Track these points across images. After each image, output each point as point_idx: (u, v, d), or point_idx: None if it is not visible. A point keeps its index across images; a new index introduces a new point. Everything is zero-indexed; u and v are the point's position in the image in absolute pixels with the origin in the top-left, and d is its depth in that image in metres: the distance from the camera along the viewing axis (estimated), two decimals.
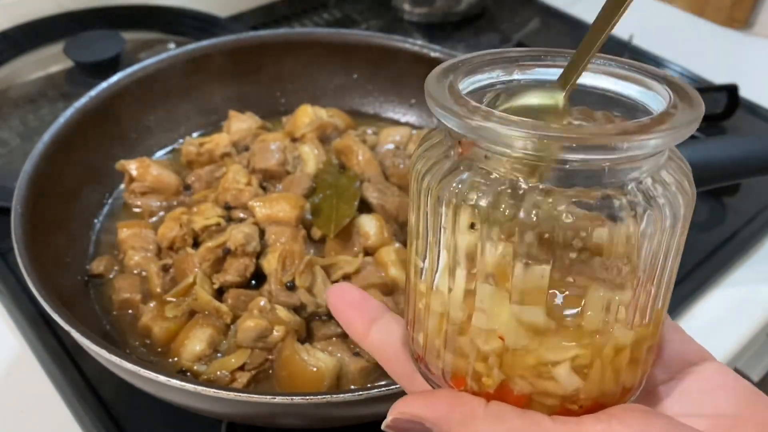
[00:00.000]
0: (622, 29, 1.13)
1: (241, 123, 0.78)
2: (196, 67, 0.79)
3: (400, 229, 0.68)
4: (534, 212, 0.23)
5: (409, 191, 0.28)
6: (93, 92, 0.71)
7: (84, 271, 0.65)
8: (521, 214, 0.23)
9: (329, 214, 0.66)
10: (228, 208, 0.68)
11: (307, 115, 0.79)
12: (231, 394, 0.45)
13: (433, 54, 0.80)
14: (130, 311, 0.61)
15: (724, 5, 1.31)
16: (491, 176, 0.24)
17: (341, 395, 0.45)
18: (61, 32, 1.01)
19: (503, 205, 0.24)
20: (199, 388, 0.45)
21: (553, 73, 0.28)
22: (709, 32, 1.22)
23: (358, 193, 0.67)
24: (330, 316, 0.61)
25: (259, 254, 0.63)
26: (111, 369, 0.50)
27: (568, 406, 0.26)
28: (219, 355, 0.57)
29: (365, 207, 0.68)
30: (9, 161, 0.83)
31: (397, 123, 0.85)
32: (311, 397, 0.45)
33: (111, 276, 0.64)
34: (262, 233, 0.64)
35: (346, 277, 0.62)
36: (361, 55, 0.83)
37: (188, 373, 0.56)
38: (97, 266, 0.64)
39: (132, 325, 0.61)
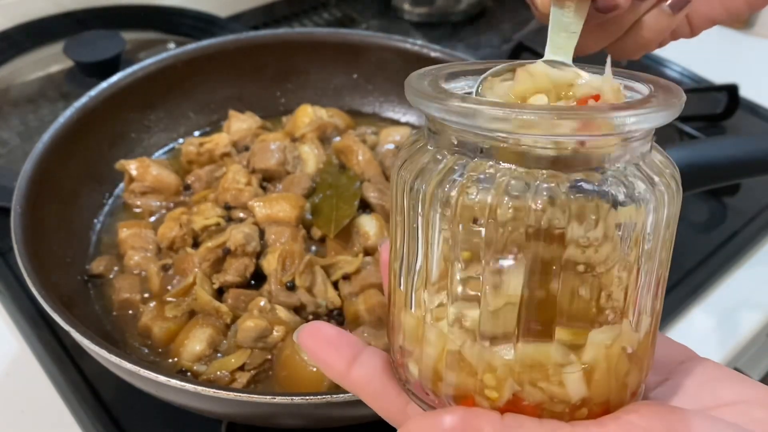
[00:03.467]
0: None
1: (241, 123, 0.78)
2: (196, 67, 0.79)
3: None
4: (540, 201, 0.23)
5: (392, 212, 0.27)
6: (93, 92, 0.71)
7: (84, 271, 0.65)
8: (531, 204, 0.23)
9: (329, 214, 0.66)
10: (228, 208, 0.68)
11: (307, 115, 0.79)
12: (231, 394, 0.45)
13: (433, 54, 0.80)
14: (130, 311, 0.61)
15: None
16: (487, 171, 0.24)
17: (341, 395, 0.45)
18: (61, 32, 1.01)
19: (504, 204, 0.23)
20: (199, 388, 0.45)
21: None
22: (710, 32, 1.22)
23: (358, 193, 0.67)
24: (330, 316, 0.61)
25: (259, 254, 0.63)
26: (111, 369, 0.50)
27: (577, 413, 0.25)
28: (219, 355, 0.57)
29: (365, 207, 0.68)
30: (9, 161, 0.83)
31: (397, 123, 0.85)
32: (311, 397, 0.45)
33: (111, 276, 0.64)
34: (262, 233, 0.64)
35: (346, 278, 0.62)
36: (361, 54, 0.83)
37: (188, 373, 0.56)
38: (97, 266, 0.64)
39: (132, 325, 0.61)
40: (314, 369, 0.53)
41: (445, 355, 0.26)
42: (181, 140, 0.80)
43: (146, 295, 0.62)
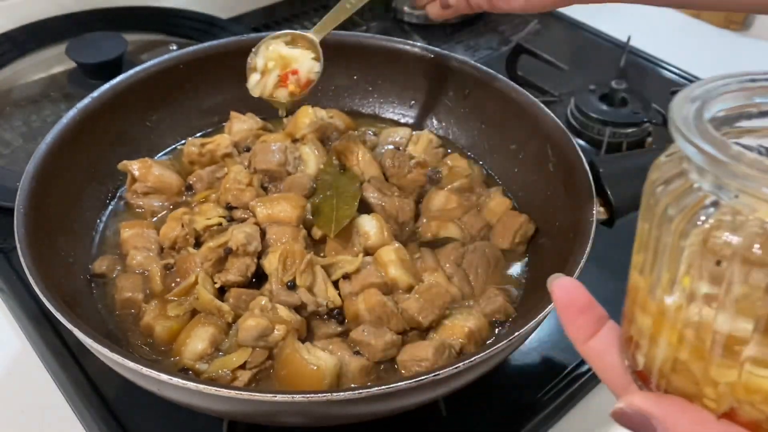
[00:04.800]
0: (620, 31, 1.14)
1: (242, 124, 0.79)
2: (197, 68, 0.80)
3: (399, 229, 0.68)
4: None
5: (641, 209, 0.29)
6: (95, 93, 0.72)
7: (87, 271, 0.65)
8: None
9: (329, 214, 0.67)
10: (229, 208, 0.68)
11: (307, 116, 0.79)
12: (232, 393, 0.46)
13: (432, 55, 0.81)
14: (132, 310, 0.62)
15: None
16: (738, 216, 0.25)
17: (341, 394, 0.46)
18: (64, 34, 1.01)
19: (757, 245, 0.24)
20: (201, 387, 0.46)
21: None
22: (707, 34, 1.23)
23: (358, 193, 0.68)
24: (330, 316, 0.61)
25: (260, 254, 0.63)
26: (113, 367, 0.50)
27: None
28: (220, 353, 0.58)
29: (365, 207, 0.68)
30: (12, 161, 0.83)
31: (396, 124, 0.86)
32: (312, 395, 0.46)
33: (113, 275, 0.65)
34: (263, 233, 0.65)
35: (346, 277, 0.63)
36: (361, 56, 0.83)
37: (190, 372, 0.56)
38: (100, 266, 0.65)
39: (134, 324, 0.61)
40: (315, 368, 0.54)
41: (672, 360, 0.27)
42: (182, 141, 0.80)
43: (148, 294, 0.62)
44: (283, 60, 0.68)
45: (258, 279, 0.63)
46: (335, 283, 0.63)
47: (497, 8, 0.65)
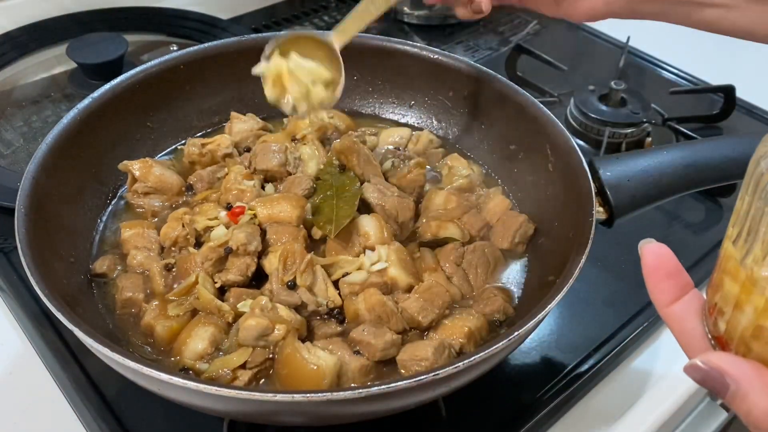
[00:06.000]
0: (619, 31, 1.14)
1: (242, 124, 0.79)
2: (198, 69, 0.80)
3: (399, 229, 0.68)
4: None
5: (744, 181, 0.30)
6: (96, 94, 0.72)
7: (87, 271, 0.65)
8: None
9: (329, 214, 0.67)
10: (230, 208, 0.68)
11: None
12: (232, 392, 0.46)
13: (432, 56, 0.81)
14: (132, 310, 0.62)
15: None
16: None
17: (341, 393, 0.46)
18: (65, 34, 1.02)
19: None
20: (201, 386, 0.46)
21: None
22: (706, 34, 1.23)
23: (358, 193, 0.68)
24: (330, 315, 0.61)
25: (260, 254, 0.63)
26: (114, 367, 0.51)
27: None
28: (221, 353, 0.58)
29: (365, 207, 0.68)
30: (13, 162, 0.83)
31: (396, 124, 0.86)
32: (312, 394, 0.46)
33: (114, 275, 0.65)
34: (263, 233, 0.65)
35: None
36: (361, 57, 0.83)
37: (190, 372, 0.57)
38: (101, 266, 0.65)
39: (135, 323, 0.61)
40: (315, 367, 0.54)
41: (754, 327, 0.29)
42: (183, 141, 0.81)
43: (149, 294, 0.62)
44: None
45: (258, 279, 0.63)
46: (335, 283, 0.63)
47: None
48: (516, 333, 0.50)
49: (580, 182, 0.62)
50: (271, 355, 0.57)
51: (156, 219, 0.71)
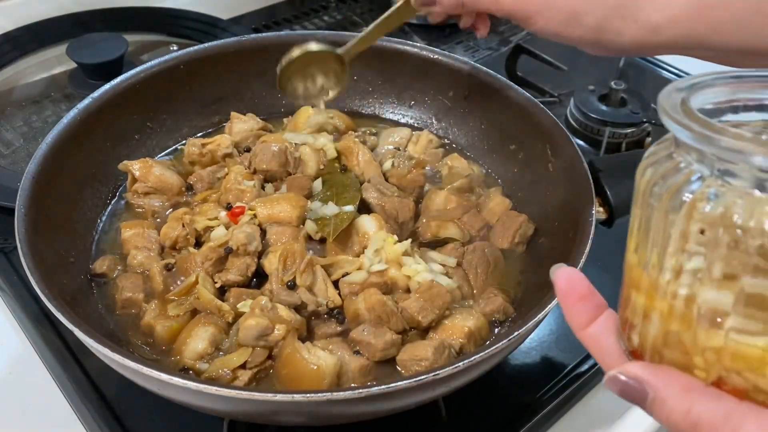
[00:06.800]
0: None
1: (242, 124, 0.79)
2: (198, 69, 0.80)
3: (399, 229, 0.68)
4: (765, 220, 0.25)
5: (634, 194, 0.30)
6: (96, 94, 0.72)
7: (87, 271, 0.65)
8: (752, 223, 0.25)
9: (329, 216, 0.67)
10: (230, 208, 0.68)
11: (307, 117, 0.79)
12: (232, 392, 0.46)
13: (432, 56, 0.81)
14: (132, 310, 0.62)
15: None
16: (721, 187, 0.26)
17: (341, 393, 0.46)
18: (65, 34, 1.02)
19: (736, 214, 0.25)
20: (201, 386, 0.46)
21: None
22: None
23: (359, 195, 0.68)
24: (330, 315, 0.61)
25: (260, 254, 0.63)
26: (114, 367, 0.51)
27: None
28: (221, 353, 0.58)
29: (365, 207, 0.68)
30: (13, 162, 0.83)
31: (396, 124, 0.86)
32: (312, 395, 0.46)
33: (114, 275, 0.65)
34: (263, 233, 0.65)
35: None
36: (361, 56, 0.83)
37: (190, 372, 0.57)
38: (101, 265, 0.65)
39: (135, 323, 0.61)
40: (315, 367, 0.54)
41: (663, 333, 0.29)
42: (183, 141, 0.81)
43: (149, 294, 0.62)
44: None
45: (258, 279, 0.63)
46: (335, 283, 0.63)
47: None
48: (516, 333, 0.50)
49: (580, 182, 0.62)
50: (271, 355, 0.57)
51: (156, 219, 0.71)
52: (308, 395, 0.46)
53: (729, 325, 0.27)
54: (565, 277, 0.34)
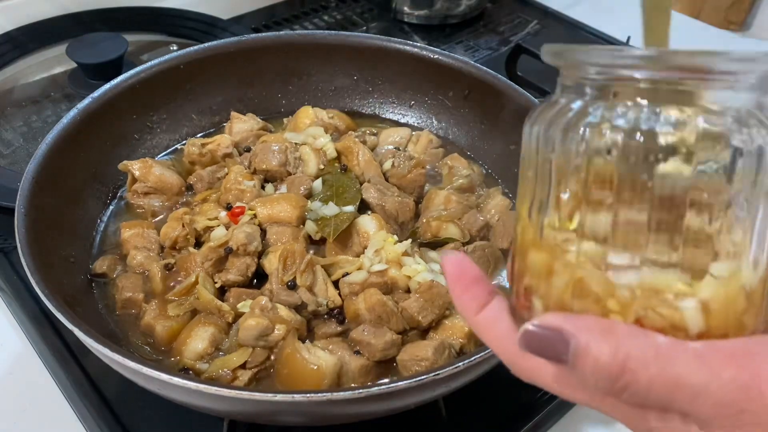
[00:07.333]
0: (619, 31, 1.14)
1: (242, 124, 0.79)
2: (198, 69, 0.80)
3: (399, 229, 0.68)
4: (668, 129, 0.25)
5: (522, 158, 0.30)
6: (96, 93, 0.72)
7: (87, 271, 0.65)
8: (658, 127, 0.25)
9: (329, 216, 0.67)
10: (230, 208, 0.68)
11: (307, 117, 0.79)
12: (232, 392, 0.46)
13: (432, 56, 0.81)
14: (133, 310, 0.62)
15: (721, 7, 1.31)
16: (617, 109, 0.26)
17: (342, 393, 0.46)
18: (64, 34, 1.01)
19: (638, 132, 0.25)
20: (201, 386, 0.46)
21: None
22: (706, 34, 1.23)
23: (359, 195, 0.68)
24: (330, 315, 0.61)
25: (260, 254, 0.63)
26: (114, 367, 0.51)
27: None
28: (221, 353, 0.58)
29: (365, 207, 0.68)
30: (12, 162, 0.83)
31: (396, 124, 0.86)
32: (312, 395, 0.46)
33: (114, 275, 0.65)
34: (263, 233, 0.65)
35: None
36: (361, 56, 0.84)
37: (190, 372, 0.57)
38: (101, 266, 0.65)
39: (135, 324, 0.61)
40: (315, 367, 0.54)
41: (571, 284, 0.28)
42: (183, 141, 0.81)
43: (149, 294, 0.62)
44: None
45: (258, 279, 0.63)
46: (335, 283, 0.63)
47: None
48: None
49: None
50: (271, 355, 0.57)
51: (156, 219, 0.71)
52: (308, 395, 0.46)
53: (640, 258, 0.26)
54: (453, 262, 0.32)
